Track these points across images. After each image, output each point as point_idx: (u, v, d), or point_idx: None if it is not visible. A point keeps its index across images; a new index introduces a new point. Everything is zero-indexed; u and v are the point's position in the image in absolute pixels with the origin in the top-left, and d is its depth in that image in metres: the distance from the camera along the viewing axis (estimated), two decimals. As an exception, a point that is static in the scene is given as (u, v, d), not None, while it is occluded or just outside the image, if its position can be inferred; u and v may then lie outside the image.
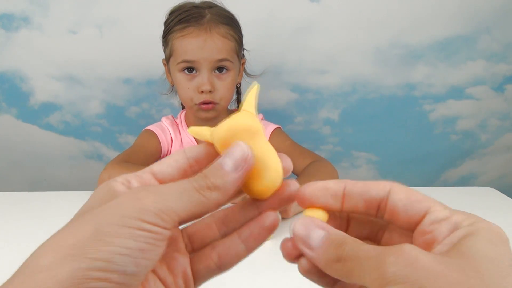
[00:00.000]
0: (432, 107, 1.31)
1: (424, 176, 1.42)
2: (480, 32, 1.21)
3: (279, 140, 0.97)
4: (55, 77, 1.24)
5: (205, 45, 0.84)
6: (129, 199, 0.20)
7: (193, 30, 0.84)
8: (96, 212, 0.20)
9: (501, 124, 1.36)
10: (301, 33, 1.20)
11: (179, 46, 0.86)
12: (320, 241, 0.22)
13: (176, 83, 0.91)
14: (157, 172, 0.24)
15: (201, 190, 0.21)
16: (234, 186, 0.22)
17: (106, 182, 0.23)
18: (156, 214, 0.20)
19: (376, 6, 1.17)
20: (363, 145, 1.37)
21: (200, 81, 0.86)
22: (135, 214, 0.19)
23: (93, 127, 1.31)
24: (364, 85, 1.27)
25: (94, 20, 1.17)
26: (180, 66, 0.87)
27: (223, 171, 0.22)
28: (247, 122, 0.24)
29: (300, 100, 1.28)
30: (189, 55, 0.85)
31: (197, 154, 0.25)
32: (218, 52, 0.85)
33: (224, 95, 0.89)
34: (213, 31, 0.84)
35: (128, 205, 0.20)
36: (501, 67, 1.27)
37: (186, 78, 0.88)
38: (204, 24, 0.84)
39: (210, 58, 0.85)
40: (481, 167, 1.43)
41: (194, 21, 0.84)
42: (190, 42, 0.84)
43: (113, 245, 0.18)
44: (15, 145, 1.33)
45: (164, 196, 0.21)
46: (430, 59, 1.24)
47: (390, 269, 0.18)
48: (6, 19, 1.16)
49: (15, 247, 0.63)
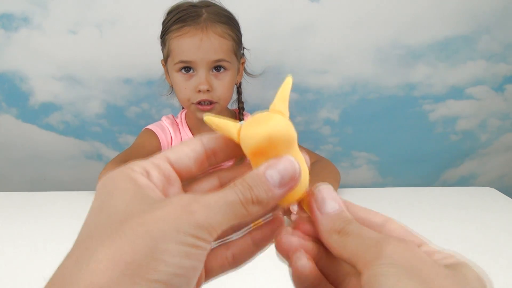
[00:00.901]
0: (432, 107, 1.31)
1: (424, 176, 1.42)
2: (480, 32, 1.21)
3: None
4: (55, 77, 1.23)
5: (201, 45, 0.83)
6: (182, 211, 0.19)
7: (189, 29, 0.84)
8: (148, 221, 0.19)
9: (501, 124, 1.36)
10: (301, 33, 1.20)
11: (176, 46, 0.85)
12: (332, 211, 0.23)
13: (173, 83, 0.91)
14: (173, 161, 0.23)
15: (246, 203, 0.20)
16: (275, 202, 0.22)
17: (122, 171, 0.22)
18: (208, 231, 0.19)
19: (376, 6, 1.17)
20: (363, 145, 1.37)
21: (197, 81, 0.86)
22: (191, 230, 0.19)
23: (93, 127, 1.31)
24: (364, 85, 1.27)
25: (94, 20, 1.17)
26: (178, 66, 0.87)
27: (268, 186, 0.21)
28: (287, 131, 0.22)
29: (300, 100, 1.28)
30: (186, 55, 0.85)
31: (215, 146, 0.24)
32: (215, 52, 0.85)
33: (223, 94, 0.89)
34: (209, 30, 0.84)
35: (183, 219, 0.19)
36: (501, 67, 1.27)
37: (184, 78, 0.88)
38: (201, 23, 0.84)
39: (207, 58, 0.84)
40: (481, 167, 1.43)
41: (190, 20, 0.84)
42: (186, 41, 0.84)
43: (170, 265, 0.18)
44: (15, 145, 1.33)
45: (214, 210, 0.20)
46: (430, 59, 1.24)
47: (389, 249, 0.19)
48: (6, 19, 1.16)
49: (15, 247, 0.63)
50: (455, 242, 0.66)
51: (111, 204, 0.20)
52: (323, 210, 0.23)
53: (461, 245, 0.64)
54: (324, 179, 0.82)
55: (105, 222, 0.19)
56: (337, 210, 0.23)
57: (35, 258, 0.60)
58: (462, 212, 0.78)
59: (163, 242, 0.18)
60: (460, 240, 0.66)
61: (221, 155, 0.24)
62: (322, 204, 0.23)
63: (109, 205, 0.20)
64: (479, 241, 0.66)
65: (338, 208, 0.23)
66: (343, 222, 0.22)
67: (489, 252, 0.63)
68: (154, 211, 0.19)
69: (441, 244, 0.21)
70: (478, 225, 0.72)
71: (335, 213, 0.22)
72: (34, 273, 0.54)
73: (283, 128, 0.22)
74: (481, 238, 0.67)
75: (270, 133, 0.21)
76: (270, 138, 0.21)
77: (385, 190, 0.92)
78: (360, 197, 0.85)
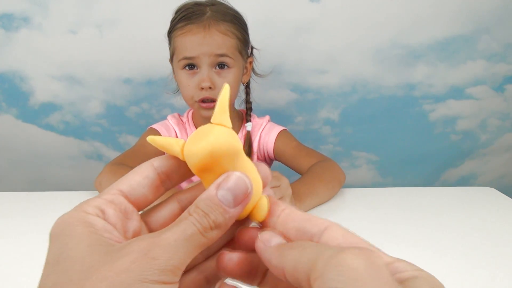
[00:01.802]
0: (432, 107, 1.31)
1: (424, 176, 1.42)
2: (480, 32, 1.21)
3: (285, 142, 0.97)
4: (55, 77, 1.24)
5: (204, 41, 0.84)
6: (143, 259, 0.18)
7: (192, 27, 0.84)
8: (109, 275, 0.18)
9: (501, 124, 1.36)
10: (301, 33, 1.20)
11: (180, 43, 0.86)
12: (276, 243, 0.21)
13: (178, 81, 0.91)
14: (127, 193, 0.22)
15: (205, 231, 0.20)
16: (233, 221, 0.21)
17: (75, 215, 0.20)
18: (172, 272, 0.19)
19: (376, 6, 1.17)
20: (363, 145, 1.37)
21: (200, 77, 0.86)
22: (155, 277, 0.18)
23: (93, 127, 1.31)
24: (364, 85, 1.27)
25: (94, 20, 1.17)
26: (181, 63, 0.87)
27: (223, 208, 0.20)
28: (229, 143, 0.21)
29: (300, 100, 1.28)
30: (189, 52, 0.85)
31: (168, 168, 0.23)
32: (218, 47, 0.85)
33: None
34: (212, 28, 0.84)
35: (145, 267, 0.18)
36: (501, 67, 1.27)
37: (187, 75, 0.88)
38: (204, 21, 0.84)
39: (210, 53, 0.84)
40: (481, 167, 1.43)
41: (195, 18, 0.85)
42: (189, 39, 0.85)
43: None
44: (15, 145, 1.33)
45: (175, 249, 0.19)
46: (430, 59, 1.24)
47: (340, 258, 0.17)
48: (6, 19, 1.16)
49: (15, 247, 0.63)
50: (455, 242, 0.66)
51: (67, 256, 0.19)
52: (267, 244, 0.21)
53: (461, 245, 0.64)
54: (325, 181, 0.81)
55: (63, 280, 0.18)
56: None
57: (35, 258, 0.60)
58: (462, 212, 0.78)
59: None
60: (460, 240, 0.66)
61: (175, 177, 0.23)
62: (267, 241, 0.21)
63: (65, 258, 0.19)
64: (479, 241, 0.66)
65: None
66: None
67: (489, 252, 0.63)
68: (114, 262, 0.18)
69: (441, 244, 0.21)
70: (478, 225, 0.72)
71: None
72: (34, 273, 0.54)
73: (225, 141, 0.21)
74: (481, 238, 0.67)
75: (211, 148, 0.20)
76: (212, 154, 0.20)
77: (385, 190, 0.91)
78: (360, 197, 0.85)
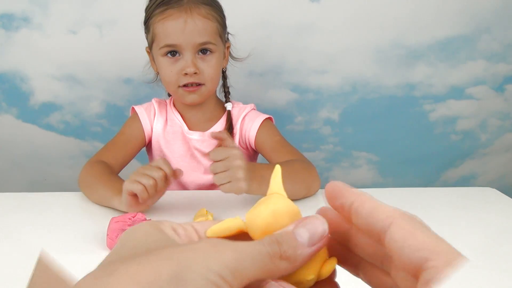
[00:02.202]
0: (432, 107, 1.31)
1: (424, 176, 1.42)
2: (480, 32, 1.21)
3: (268, 134, 0.94)
4: (55, 77, 1.24)
5: (186, 27, 0.83)
6: (212, 248, 0.19)
7: (173, 11, 0.83)
8: (176, 250, 0.19)
9: (501, 124, 1.36)
10: (301, 33, 1.20)
11: (160, 30, 0.85)
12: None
13: (159, 68, 0.90)
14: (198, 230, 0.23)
15: (274, 257, 0.20)
16: (304, 261, 0.21)
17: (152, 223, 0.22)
18: (233, 274, 0.18)
19: (376, 7, 1.17)
20: (363, 145, 1.37)
21: (183, 64, 0.85)
22: (217, 268, 0.18)
23: (93, 127, 1.31)
24: (364, 85, 1.27)
25: (94, 20, 1.17)
26: (163, 50, 0.86)
27: (297, 243, 0.20)
28: (290, 204, 0.23)
29: (300, 100, 1.28)
30: (171, 39, 0.84)
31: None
32: (200, 34, 0.84)
33: (210, 76, 0.88)
34: (194, 12, 0.83)
35: (211, 256, 0.18)
36: (501, 67, 1.26)
37: (170, 62, 0.87)
38: (184, 5, 0.83)
39: (193, 41, 0.84)
40: (481, 167, 1.43)
41: (174, 2, 0.83)
42: (171, 24, 0.83)
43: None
44: (15, 145, 1.33)
45: (242, 254, 0.19)
46: (430, 59, 1.24)
47: None
48: (6, 19, 1.16)
49: (15, 247, 0.63)
50: (455, 242, 0.66)
51: (134, 238, 0.20)
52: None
53: (461, 246, 0.64)
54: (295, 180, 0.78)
55: (127, 252, 0.19)
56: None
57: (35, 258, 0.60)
58: (462, 212, 0.78)
59: (188, 271, 0.17)
60: (460, 240, 0.66)
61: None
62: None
63: (132, 239, 0.20)
64: (479, 241, 0.66)
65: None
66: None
67: (490, 252, 0.63)
68: (179, 246, 0.19)
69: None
70: (478, 225, 0.72)
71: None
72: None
73: (285, 202, 0.23)
74: (481, 238, 0.67)
75: (273, 207, 0.22)
76: (274, 212, 0.22)
77: (385, 190, 0.91)
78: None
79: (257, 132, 0.94)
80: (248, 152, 0.99)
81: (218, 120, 0.97)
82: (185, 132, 0.96)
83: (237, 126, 0.96)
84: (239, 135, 0.96)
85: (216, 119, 0.97)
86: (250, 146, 0.96)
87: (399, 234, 0.19)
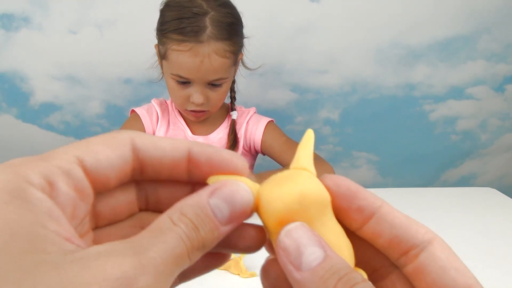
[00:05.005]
0: (432, 107, 1.31)
1: (424, 176, 1.42)
2: (480, 32, 1.21)
3: (273, 135, 0.95)
4: (55, 77, 1.24)
5: (202, 66, 0.80)
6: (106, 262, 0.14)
7: (191, 46, 0.79)
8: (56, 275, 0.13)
9: (501, 124, 1.36)
10: (301, 33, 1.20)
11: (175, 59, 0.81)
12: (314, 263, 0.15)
13: (167, 82, 0.89)
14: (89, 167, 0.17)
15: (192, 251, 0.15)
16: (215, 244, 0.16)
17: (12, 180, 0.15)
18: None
19: (376, 6, 1.17)
20: (363, 145, 1.37)
21: (193, 93, 0.84)
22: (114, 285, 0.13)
23: (93, 127, 1.31)
24: (364, 85, 1.27)
25: (94, 20, 1.17)
26: (174, 76, 0.84)
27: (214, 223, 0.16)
28: (321, 191, 0.17)
29: (300, 100, 1.28)
30: (185, 73, 0.82)
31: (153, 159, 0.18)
32: (214, 72, 0.82)
33: (216, 103, 0.89)
34: (211, 51, 0.80)
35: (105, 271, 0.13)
36: (501, 67, 1.27)
37: (179, 87, 0.85)
38: (204, 42, 0.79)
39: (205, 79, 0.83)
40: (481, 167, 1.43)
41: (193, 35, 0.78)
42: (187, 60, 0.80)
43: None
44: (15, 145, 1.33)
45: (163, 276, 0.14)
46: (430, 59, 1.24)
47: None
48: (6, 19, 1.16)
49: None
50: (455, 242, 0.66)
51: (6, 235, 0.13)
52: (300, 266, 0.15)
53: (462, 245, 0.64)
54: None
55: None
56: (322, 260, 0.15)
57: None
58: (462, 212, 0.78)
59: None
60: (460, 240, 0.66)
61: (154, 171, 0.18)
62: (297, 257, 0.15)
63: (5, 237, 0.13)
64: (479, 241, 0.66)
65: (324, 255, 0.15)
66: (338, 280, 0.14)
67: (489, 252, 0.63)
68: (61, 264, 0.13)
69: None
70: (478, 225, 0.72)
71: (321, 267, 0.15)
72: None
73: (316, 187, 0.17)
74: (481, 238, 0.67)
75: (301, 192, 0.17)
76: (301, 199, 0.16)
77: (385, 190, 0.92)
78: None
79: (263, 136, 0.95)
80: (250, 154, 1.00)
81: (221, 122, 0.98)
82: (189, 137, 0.96)
83: (241, 131, 0.97)
84: (243, 140, 0.97)
85: (219, 121, 0.98)
86: (254, 148, 0.98)
87: (444, 253, 0.17)
